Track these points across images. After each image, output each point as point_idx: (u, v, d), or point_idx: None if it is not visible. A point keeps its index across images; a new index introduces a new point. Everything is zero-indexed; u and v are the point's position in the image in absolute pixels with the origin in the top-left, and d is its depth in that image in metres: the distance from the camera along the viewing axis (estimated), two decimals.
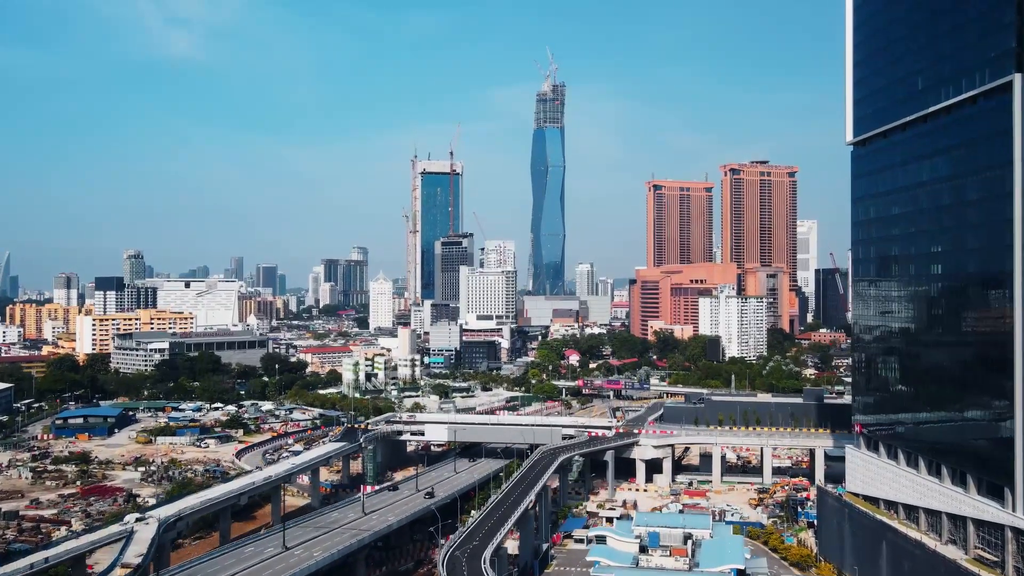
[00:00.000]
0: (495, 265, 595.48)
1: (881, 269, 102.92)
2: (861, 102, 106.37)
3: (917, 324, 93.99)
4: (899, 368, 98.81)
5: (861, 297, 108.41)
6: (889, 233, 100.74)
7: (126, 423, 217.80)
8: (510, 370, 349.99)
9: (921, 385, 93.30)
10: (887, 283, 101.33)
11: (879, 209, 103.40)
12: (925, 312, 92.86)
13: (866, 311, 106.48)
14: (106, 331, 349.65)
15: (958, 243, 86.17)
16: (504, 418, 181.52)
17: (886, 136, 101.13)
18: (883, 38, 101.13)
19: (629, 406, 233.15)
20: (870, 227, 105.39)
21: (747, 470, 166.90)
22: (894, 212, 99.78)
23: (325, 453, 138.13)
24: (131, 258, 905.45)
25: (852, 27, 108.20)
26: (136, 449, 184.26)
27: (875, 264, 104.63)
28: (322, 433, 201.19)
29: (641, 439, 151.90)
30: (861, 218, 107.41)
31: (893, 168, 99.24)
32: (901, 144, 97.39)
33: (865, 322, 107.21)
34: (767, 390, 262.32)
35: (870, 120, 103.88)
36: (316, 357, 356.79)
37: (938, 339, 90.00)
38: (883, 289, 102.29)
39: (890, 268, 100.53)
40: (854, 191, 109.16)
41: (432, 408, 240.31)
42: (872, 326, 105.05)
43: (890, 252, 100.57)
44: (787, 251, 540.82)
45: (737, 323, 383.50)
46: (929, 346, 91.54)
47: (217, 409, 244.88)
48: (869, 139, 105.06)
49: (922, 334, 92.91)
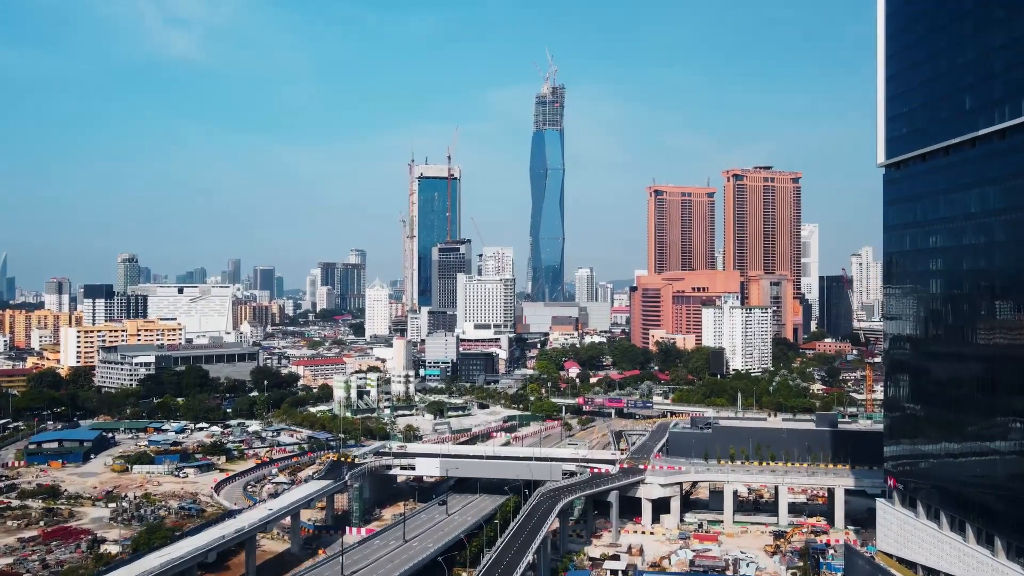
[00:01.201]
0: (493, 272, 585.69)
1: (920, 309, 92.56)
2: (895, 120, 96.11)
3: (963, 375, 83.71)
4: (942, 422, 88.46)
5: (896, 339, 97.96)
6: (928, 268, 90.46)
7: (104, 447, 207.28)
8: (508, 384, 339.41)
9: (968, 442, 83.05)
10: (926, 324, 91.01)
11: (916, 240, 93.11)
12: (971, 363, 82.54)
13: (902, 354, 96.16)
14: (91, 343, 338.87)
15: (1013, 286, 75.84)
16: (500, 447, 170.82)
17: (924, 160, 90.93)
18: (923, 50, 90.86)
19: (632, 429, 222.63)
20: (905, 260, 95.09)
21: (760, 506, 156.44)
22: (934, 245, 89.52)
23: (305, 496, 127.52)
24: (125, 262, 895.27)
25: (884, 37, 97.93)
26: (110, 479, 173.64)
27: (913, 302, 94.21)
28: (308, 460, 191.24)
29: (647, 476, 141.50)
30: (894, 249, 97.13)
31: (934, 196, 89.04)
32: (944, 170, 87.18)
33: (901, 367, 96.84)
34: (775, 408, 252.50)
35: (905, 141, 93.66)
36: (308, 370, 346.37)
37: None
38: (921, 331, 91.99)
39: (930, 308, 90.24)
40: (887, 218, 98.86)
41: (426, 429, 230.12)
42: (909, 372, 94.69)
43: (930, 290, 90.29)
44: (791, 258, 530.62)
45: (741, 334, 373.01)
46: (979, 404, 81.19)
47: (202, 430, 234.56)
48: (904, 162, 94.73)
49: (970, 386, 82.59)
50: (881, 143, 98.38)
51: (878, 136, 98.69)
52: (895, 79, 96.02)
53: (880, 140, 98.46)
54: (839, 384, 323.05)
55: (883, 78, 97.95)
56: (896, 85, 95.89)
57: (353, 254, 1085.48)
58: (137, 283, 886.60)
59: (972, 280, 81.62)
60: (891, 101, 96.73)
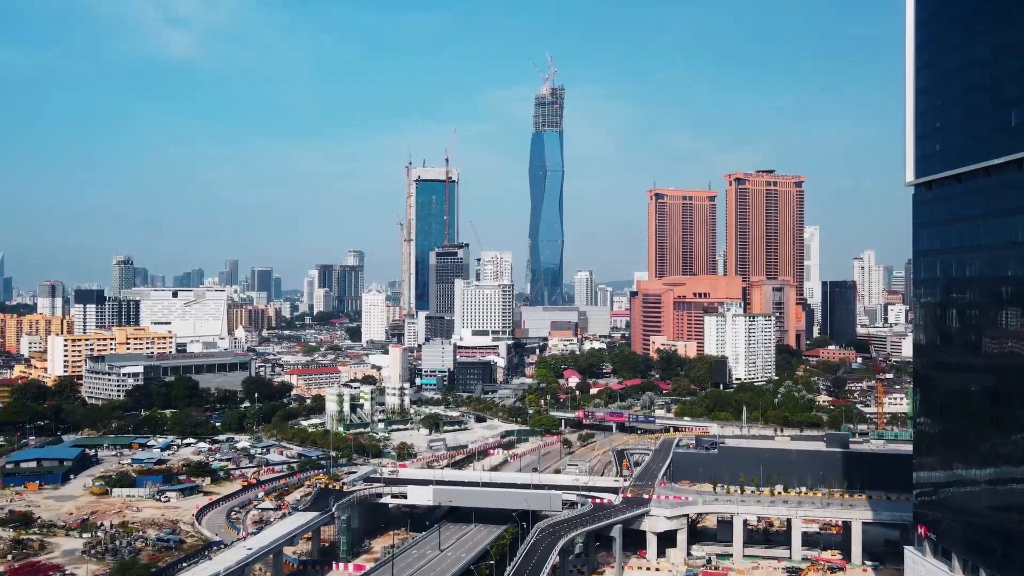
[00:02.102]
0: (491, 277, 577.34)
1: (955, 344, 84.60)
2: (926, 137, 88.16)
3: (1003, 418, 75.85)
4: (980, 472, 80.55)
5: (928, 380, 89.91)
6: (964, 298, 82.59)
7: (85, 465, 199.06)
8: (506, 394, 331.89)
9: (1012, 490, 75.20)
10: (960, 358, 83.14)
11: (950, 268, 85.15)
12: (1020, 410, 74.58)
13: (932, 392, 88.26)
14: (79, 352, 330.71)
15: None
16: (496, 474, 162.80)
17: (961, 180, 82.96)
18: (960, 60, 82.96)
19: (634, 447, 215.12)
20: (938, 289, 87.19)
21: (771, 537, 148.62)
22: (971, 274, 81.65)
23: (288, 532, 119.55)
24: (120, 264, 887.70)
25: (914, 46, 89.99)
26: (88, 504, 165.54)
27: (947, 336, 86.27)
28: (297, 481, 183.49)
29: (652, 507, 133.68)
30: (926, 276, 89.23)
31: (971, 221, 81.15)
32: (984, 192, 79.36)
33: (932, 407, 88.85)
34: (781, 423, 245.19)
35: (939, 159, 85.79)
36: (301, 379, 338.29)
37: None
38: (954, 367, 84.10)
39: (967, 340, 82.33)
40: (917, 242, 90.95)
41: (421, 446, 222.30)
42: (942, 412, 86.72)
43: (966, 320, 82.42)
44: (793, 263, 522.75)
45: (744, 343, 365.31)
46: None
47: (189, 446, 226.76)
48: (937, 182, 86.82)
49: (1012, 432, 74.75)
50: (910, 160, 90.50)
51: (907, 153, 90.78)
52: (926, 92, 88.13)
53: (909, 157, 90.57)
54: (845, 395, 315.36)
55: (912, 91, 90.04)
56: (927, 98, 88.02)
57: (352, 255, 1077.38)
58: (132, 285, 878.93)
59: (1017, 315, 73.86)
60: (922, 116, 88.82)
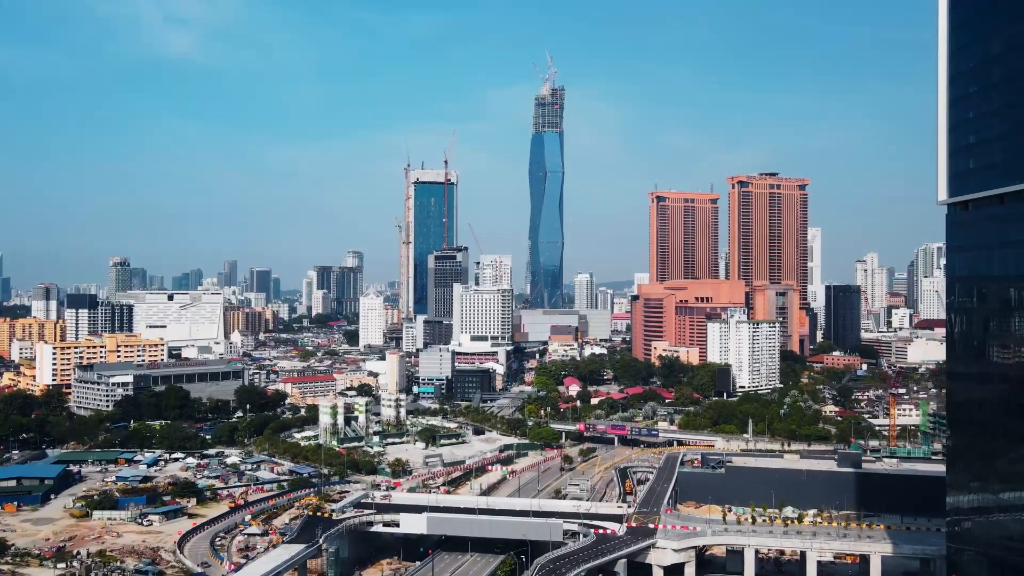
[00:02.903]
0: (491, 282, 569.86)
1: (995, 379, 77.22)
2: (961, 153, 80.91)
3: None
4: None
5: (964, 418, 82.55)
6: (1010, 331, 75.20)
7: (67, 484, 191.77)
8: (505, 403, 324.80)
9: None
10: (1002, 395, 75.83)
11: (992, 298, 77.77)
12: None
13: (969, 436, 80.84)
14: (68, 360, 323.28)
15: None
16: (494, 499, 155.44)
17: (1003, 201, 75.58)
18: (1001, 69, 75.47)
19: (637, 464, 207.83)
20: (975, 319, 79.84)
21: (783, 567, 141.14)
22: (1018, 304, 74.24)
23: (271, 570, 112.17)
24: (117, 265, 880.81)
25: (947, 54, 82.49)
26: (66, 528, 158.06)
27: (986, 373, 78.89)
28: (286, 502, 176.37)
29: (659, 539, 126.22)
30: (962, 304, 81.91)
31: (1017, 248, 73.62)
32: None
33: (969, 470, 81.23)
34: (787, 437, 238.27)
35: (977, 177, 78.64)
36: (296, 388, 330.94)
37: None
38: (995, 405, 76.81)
39: (1008, 375, 74.99)
40: (951, 267, 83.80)
41: (417, 462, 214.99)
42: (979, 478, 79.20)
43: (1011, 352, 75.07)
44: (797, 267, 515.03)
45: (748, 350, 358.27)
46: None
47: (177, 461, 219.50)
48: (975, 202, 79.45)
49: None
50: (943, 177, 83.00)
51: (939, 169, 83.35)
52: (962, 103, 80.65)
53: (942, 174, 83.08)
54: (852, 405, 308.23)
55: (945, 102, 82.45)
56: (963, 110, 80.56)
57: (351, 256, 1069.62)
58: (130, 286, 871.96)
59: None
60: (956, 129, 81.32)
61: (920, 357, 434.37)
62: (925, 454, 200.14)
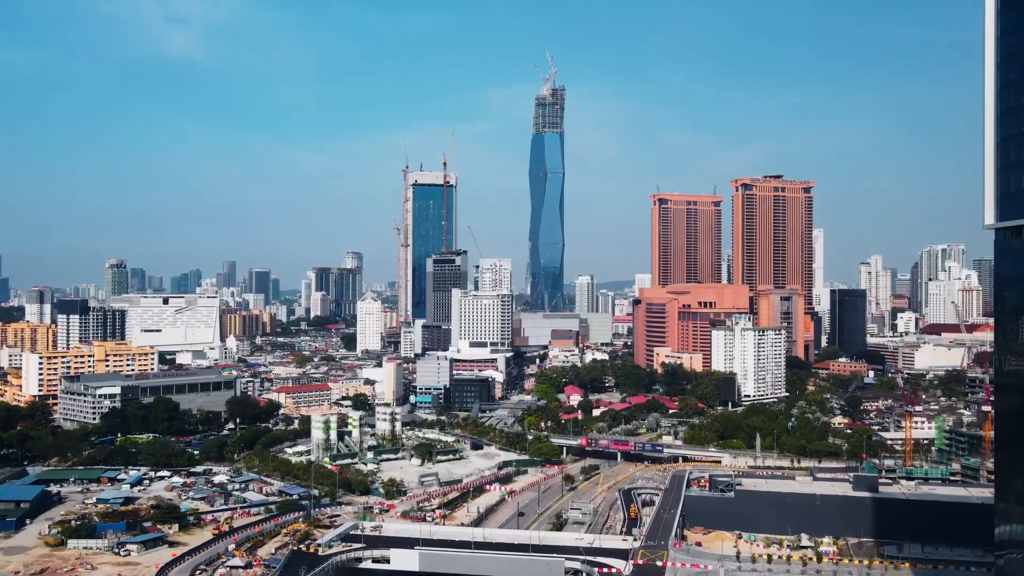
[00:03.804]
0: (490, 286, 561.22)
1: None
2: (1012, 170, 71.84)
3: None
4: None
5: (1008, 464, 73.92)
6: None
7: (46, 506, 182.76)
8: (504, 414, 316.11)
9: None
10: None
11: None
12: None
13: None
14: (55, 370, 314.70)
15: None
16: (491, 531, 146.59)
17: None
18: None
19: (642, 484, 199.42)
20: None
21: None
22: None
23: None
24: (113, 267, 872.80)
25: (995, 61, 73.58)
26: (39, 559, 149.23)
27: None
28: (273, 528, 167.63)
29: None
30: (1016, 340, 72.98)
31: None
32: None
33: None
34: (796, 452, 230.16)
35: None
36: (290, 398, 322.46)
37: None
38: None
39: None
40: (1002, 298, 74.97)
41: (412, 480, 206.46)
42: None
43: None
44: (801, 271, 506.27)
45: (753, 358, 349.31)
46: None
47: (163, 479, 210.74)
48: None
49: None
50: (990, 198, 73.81)
51: (985, 189, 74.44)
52: (1012, 115, 71.88)
53: (989, 194, 73.91)
54: (861, 416, 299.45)
55: (993, 114, 73.40)
56: (1014, 123, 71.82)
57: (350, 257, 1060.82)
58: (127, 288, 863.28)
59: None
60: (1006, 143, 72.50)
61: (928, 363, 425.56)
62: (943, 474, 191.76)
